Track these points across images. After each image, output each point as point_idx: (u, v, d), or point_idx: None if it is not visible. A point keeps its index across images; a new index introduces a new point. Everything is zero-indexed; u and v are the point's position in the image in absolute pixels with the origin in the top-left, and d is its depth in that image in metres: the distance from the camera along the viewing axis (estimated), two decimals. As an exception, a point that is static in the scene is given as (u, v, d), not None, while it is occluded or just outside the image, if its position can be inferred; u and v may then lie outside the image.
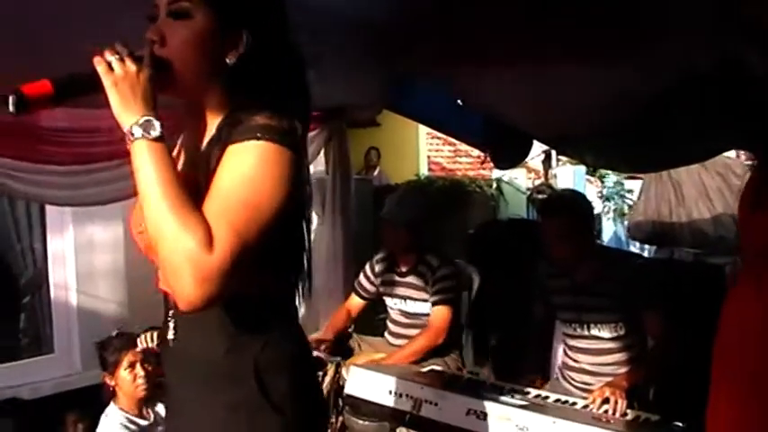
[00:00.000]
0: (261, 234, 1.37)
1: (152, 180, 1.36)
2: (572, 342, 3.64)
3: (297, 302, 1.68)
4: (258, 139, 1.39)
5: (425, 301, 4.03)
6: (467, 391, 3.22)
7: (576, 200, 3.78)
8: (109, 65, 1.40)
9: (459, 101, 4.62)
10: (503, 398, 3.14)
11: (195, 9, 1.48)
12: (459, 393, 3.16)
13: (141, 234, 1.58)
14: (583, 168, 11.77)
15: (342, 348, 4.12)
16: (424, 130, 11.51)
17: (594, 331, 3.51)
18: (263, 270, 1.49)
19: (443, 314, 3.94)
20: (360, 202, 5.71)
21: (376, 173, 10.27)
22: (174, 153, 1.66)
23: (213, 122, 1.57)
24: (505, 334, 4.98)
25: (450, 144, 13.52)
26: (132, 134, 1.39)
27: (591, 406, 3.12)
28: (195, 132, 1.62)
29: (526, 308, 3.95)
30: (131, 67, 1.40)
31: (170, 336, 1.63)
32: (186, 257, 1.30)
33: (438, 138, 13.08)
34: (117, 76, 1.39)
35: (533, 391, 3.36)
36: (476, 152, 12.88)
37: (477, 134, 5.13)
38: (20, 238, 5.02)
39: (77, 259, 4.96)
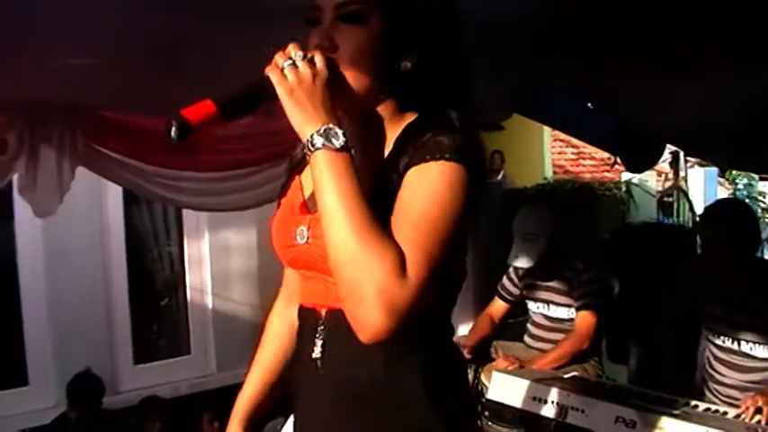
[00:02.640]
0: (448, 258, 1.29)
1: (336, 195, 1.25)
2: (720, 354, 3.45)
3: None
4: (447, 159, 1.28)
5: (569, 306, 3.92)
6: (613, 398, 3.09)
7: (737, 209, 3.56)
8: (282, 71, 1.29)
9: (589, 104, 4.53)
10: (651, 406, 3.00)
11: (369, 13, 1.36)
12: (606, 401, 3.04)
13: (290, 248, 1.48)
14: (714, 170, 11.35)
15: (481, 354, 4.05)
16: (548, 132, 11.32)
17: (747, 349, 3.31)
18: (435, 291, 1.34)
19: (589, 319, 3.82)
20: (489, 205, 5.63)
21: (500, 176, 10.15)
22: None
23: (388, 136, 1.44)
24: (645, 341, 4.79)
25: (573, 146, 13.27)
26: (313, 144, 1.27)
27: (743, 416, 2.95)
28: (366, 146, 1.47)
29: (667, 314, 3.78)
30: (307, 71, 1.28)
31: (315, 354, 1.47)
32: (377, 287, 1.20)
33: (561, 140, 12.87)
34: (292, 82, 1.28)
35: (681, 400, 3.20)
36: (600, 154, 12.65)
37: (609, 137, 5.00)
38: (157, 242, 5.18)
39: (212, 263, 5.10)
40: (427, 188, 1.28)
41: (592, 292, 3.83)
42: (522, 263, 3.92)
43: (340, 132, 1.28)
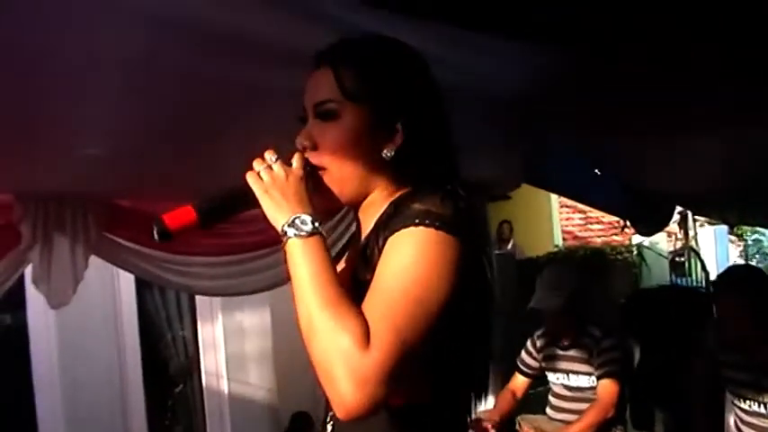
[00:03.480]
0: (424, 331, 1.23)
1: (304, 277, 1.28)
2: (747, 418, 3.39)
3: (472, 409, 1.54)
4: (417, 225, 1.27)
5: (589, 374, 3.86)
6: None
7: (753, 275, 3.54)
8: (258, 174, 1.36)
9: (597, 171, 4.54)
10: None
11: (342, 108, 1.39)
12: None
13: None
14: (724, 228, 11.36)
15: (505, 430, 3.98)
16: (555, 199, 11.34)
17: (774, 412, 3.25)
18: (435, 375, 1.35)
19: (611, 388, 3.76)
20: (503, 277, 5.59)
21: (510, 246, 10.13)
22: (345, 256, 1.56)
23: (374, 216, 1.44)
24: (671, 405, 4.70)
25: (580, 212, 13.30)
26: (285, 233, 1.32)
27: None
28: (359, 230, 1.52)
29: (695, 378, 3.72)
30: (280, 172, 1.35)
31: None
32: (341, 357, 1.19)
33: (568, 206, 12.90)
34: (267, 183, 1.35)
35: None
36: (607, 218, 12.67)
37: (617, 202, 5.01)
38: (171, 327, 5.16)
39: (227, 346, 5.05)
40: (401, 258, 1.27)
41: (613, 359, 3.79)
42: (542, 305, 3.89)
43: (308, 219, 1.32)
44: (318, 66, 1.43)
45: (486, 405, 4.03)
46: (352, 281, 1.37)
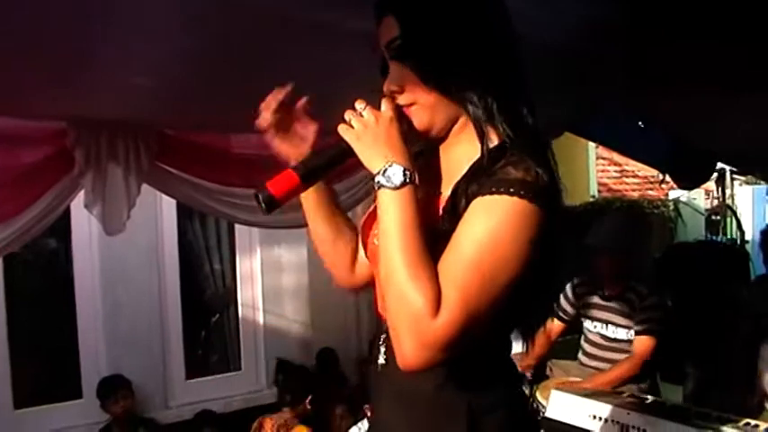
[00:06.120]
0: (493, 303, 1.26)
1: (391, 230, 1.30)
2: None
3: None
4: (511, 194, 1.27)
5: (629, 327, 3.89)
6: (674, 417, 3.05)
7: None
8: (349, 123, 1.37)
9: (640, 123, 4.49)
10: (713, 425, 2.95)
11: (411, 44, 1.40)
12: (667, 419, 2.99)
13: (369, 245, 1.57)
14: (762, 188, 11.14)
15: (537, 372, 4.03)
16: (593, 150, 11.20)
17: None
18: (493, 327, 1.36)
19: (649, 344, 3.80)
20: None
21: (547, 194, 9.96)
22: None
23: (460, 163, 1.44)
24: (702, 361, 4.71)
25: (616, 164, 13.14)
26: (377, 182, 1.33)
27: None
28: (440, 173, 1.52)
29: (739, 335, 3.73)
30: (370, 117, 1.36)
31: (380, 360, 1.55)
32: (410, 318, 1.23)
33: (604, 158, 12.75)
34: (358, 130, 1.36)
35: (741, 420, 3.14)
36: (643, 172, 12.51)
37: (659, 155, 4.95)
38: (210, 258, 5.23)
39: (264, 280, 5.13)
40: (486, 225, 1.27)
41: (655, 318, 3.83)
42: (608, 244, 3.92)
43: (400, 170, 1.32)
44: (381, 16, 1.43)
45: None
46: (432, 221, 1.37)
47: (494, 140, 1.39)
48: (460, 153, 1.45)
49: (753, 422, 3.13)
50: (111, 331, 4.54)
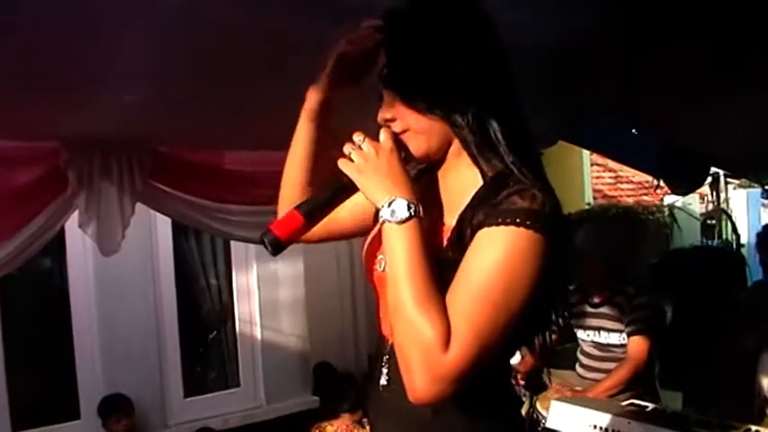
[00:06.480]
0: (503, 333, 1.26)
1: (399, 264, 1.29)
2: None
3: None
4: (518, 225, 1.26)
5: (620, 331, 3.89)
6: (675, 425, 3.04)
7: None
8: (349, 157, 1.37)
9: (633, 130, 4.51)
10: (713, 433, 2.95)
11: (403, 70, 1.40)
12: (667, 428, 2.99)
13: (372, 270, 1.56)
14: (757, 191, 11.18)
15: (534, 381, 4.02)
16: (587, 156, 11.22)
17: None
18: (497, 357, 1.35)
19: (642, 344, 3.79)
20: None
21: (540, 203, 9.97)
22: None
23: (462, 190, 1.43)
24: (701, 365, 4.70)
25: (610, 170, 13.16)
26: (381, 216, 1.33)
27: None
28: (436, 198, 1.51)
29: (736, 340, 3.72)
30: (369, 149, 1.36)
31: (382, 381, 1.53)
32: (421, 352, 1.23)
33: (599, 164, 12.77)
34: (359, 164, 1.35)
35: (741, 426, 3.14)
36: (638, 177, 12.53)
37: (653, 160, 4.96)
38: (206, 274, 5.22)
39: (261, 294, 5.11)
40: (493, 256, 1.27)
41: (644, 317, 3.82)
42: (587, 247, 3.91)
43: (404, 204, 1.31)
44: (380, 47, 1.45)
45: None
46: (436, 251, 1.36)
47: (493, 164, 1.39)
48: (461, 179, 1.45)
49: (754, 428, 3.13)
50: (107, 350, 4.50)
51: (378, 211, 1.33)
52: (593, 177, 13.00)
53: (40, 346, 4.59)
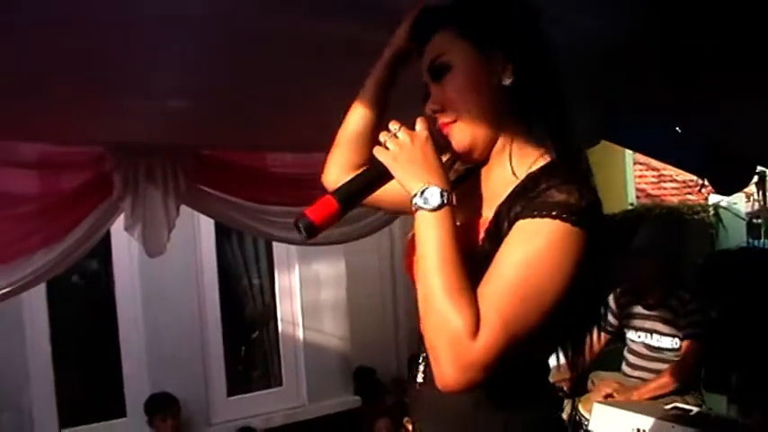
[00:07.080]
0: (534, 326, 1.25)
1: (430, 253, 1.29)
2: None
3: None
4: (554, 218, 1.26)
5: (673, 336, 3.84)
6: (720, 430, 3.01)
7: None
8: (384, 145, 1.38)
9: (677, 129, 4.45)
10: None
11: (451, 57, 1.43)
12: (712, 432, 2.96)
13: (411, 266, 1.53)
14: (805, 192, 10.93)
15: (577, 385, 3.98)
16: (630, 156, 11.08)
17: None
18: (531, 350, 1.35)
19: (696, 349, 3.73)
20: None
21: (584, 203, 9.86)
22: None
23: (503, 185, 1.44)
24: (747, 369, 4.64)
25: (654, 169, 12.98)
26: (414, 204, 1.33)
27: None
28: (478, 194, 1.51)
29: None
30: (404, 137, 1.36)
31: (419, 378, 1.54)
32: (449, 340, 1.23)
33: (641, 163, 12.59)
34: (393, 152, 1.36)
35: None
36: (682, 177, 12.33)
37: (697, 160, 4.89)
38: (248, 275, 5.27)
39: (303, 295, 5.14)
40: (527, 248, 1.27)
41: (699, 321, 3.76)
42: (646, 251, 3.88)
43: (437, 192, 1.32)
44: (425, 40, 1.48)
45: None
46: (473, 244, 1.37)
47: (535, 159, 1.41)
48: (503, 174, 1.45)
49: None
50: (152, 350, 4.58)
51: (412, 198, 1.33)
52: (636, 176, 12.82)
53: (87, 345, 4.69)
